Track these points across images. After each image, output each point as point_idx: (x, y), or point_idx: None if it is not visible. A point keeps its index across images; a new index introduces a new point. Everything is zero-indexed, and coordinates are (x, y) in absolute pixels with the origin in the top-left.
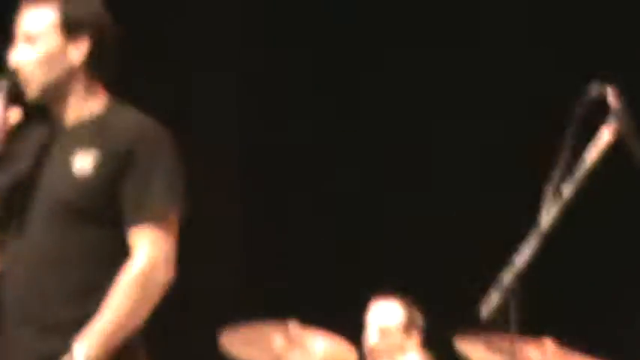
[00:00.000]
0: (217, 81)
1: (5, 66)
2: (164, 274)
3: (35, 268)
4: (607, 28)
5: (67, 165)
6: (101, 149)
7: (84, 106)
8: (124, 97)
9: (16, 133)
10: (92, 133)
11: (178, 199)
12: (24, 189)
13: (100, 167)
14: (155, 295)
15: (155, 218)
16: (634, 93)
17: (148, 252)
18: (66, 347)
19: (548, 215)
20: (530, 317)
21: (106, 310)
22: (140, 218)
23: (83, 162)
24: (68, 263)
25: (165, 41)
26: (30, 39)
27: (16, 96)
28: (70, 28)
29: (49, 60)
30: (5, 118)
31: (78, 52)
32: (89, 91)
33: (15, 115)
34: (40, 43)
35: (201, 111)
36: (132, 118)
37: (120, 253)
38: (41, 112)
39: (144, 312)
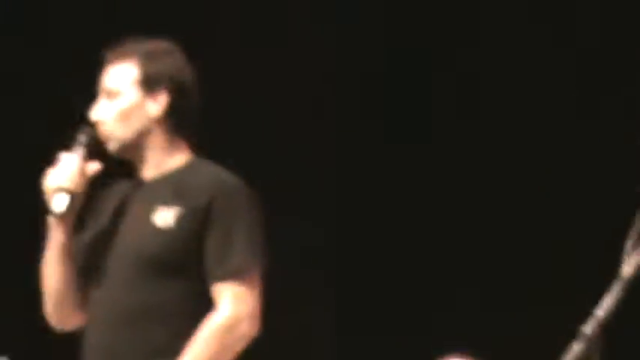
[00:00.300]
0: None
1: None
2: (248, 329)
3: (117, 322)
4: None
5: (148, 219)
6: (182, 204)
7: (164, 161)
8: None
9: (97, 187)
10: (173, 187)
11: (260, 253)
12: (105, 243)
13: (181, 221)
14: (236, 348)
15: (238, 274)
16: None
17: (233, 306)
18: None
19: (629, 264)
20: None
21: (185, 357)
22: (223, 274)
23: (165, 216)
24: (151, 317)
25: None
26: (110, 95)
27: (96, 150)
28: (149, 82)
29: (128, 115)
30: (83, 170)
31: (156, 106)
32: (170, 146)
33: (94, 168)
34: (120, 99)
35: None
36: (211, 173)
37: (203, 308)
38: (124, 167)
39: None
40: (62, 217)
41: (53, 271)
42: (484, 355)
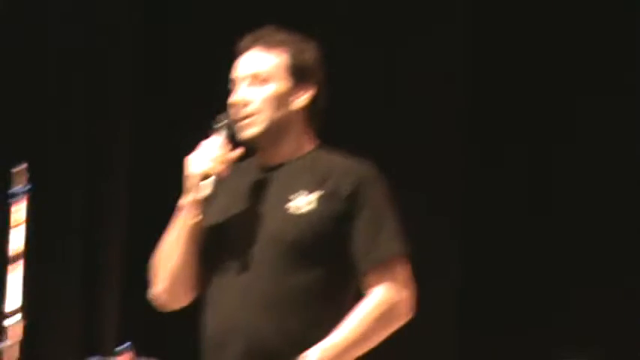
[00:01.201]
0: None
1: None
2: (405, 312)
3: (261, 307)
4: None
5: (288, 204)
6: (322, 188)
7: (296, 149)
8: None
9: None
10: (310, 172)
11: (407, 244)
12: (239, 227)
13: (322, 205)
14: (393, 326)
15: (392, 259)
16: None
17: (387, 290)
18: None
19: None
20: None
21: (344, 326)
22: (377, 260)
23: (305, 200)
24: (294, 302)
25: None
26: (260, 79)
27: (233, 134)
28: (300, 74)
29: (279, 100)
30: (227, 153)
31: (303, 98)
32: (303, 136)
33: (236, 152)
34: (271, 84)
35: None
36: (348, 160)
37: (343, 295)
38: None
39: (379, 338)
40: (204, 201)
41: (178, 252)
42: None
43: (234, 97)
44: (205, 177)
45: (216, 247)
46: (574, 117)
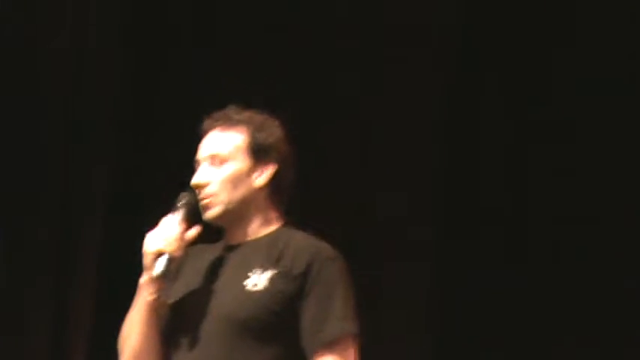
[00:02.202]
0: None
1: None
2: None
3: None
4: None
5: (242, 282)
6: (276, 267)
7: (259, 228)
8: None
9: (189, 251)
10: (266, 251)
11: (357, 323)
12: (197, 305)
13: (275, 284)
14: None
15: (337, 343)
16: None
17: None
18: None
19: None
20: None
21: None
22: (322, 343)
23: (259, 279)
24: None
25: None
26: (218, 160)
27: (193, 215)
28: (259, 152)
29: (236, 181)
30: (183, 233)
31: (262, 176)
32: (266, 214)
33: (193, 232)
34: (229, 164)
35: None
36: (306, 239)
37: None
38: (212, 233)
39: None
40: (158, 279)
41: (138, 331)
42: None
43: (194, 179)
44: (159, 255)
45: (176, 324)
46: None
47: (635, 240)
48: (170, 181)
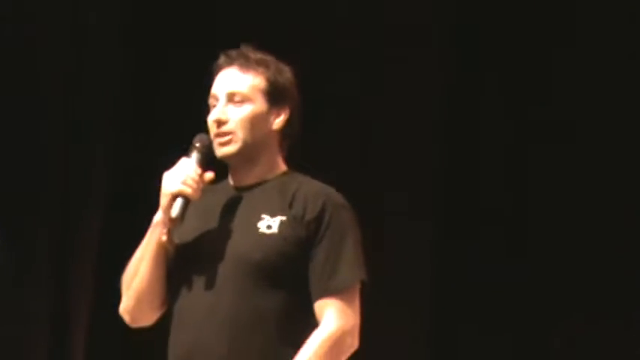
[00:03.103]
0: None
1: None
2: (350, 344)
3: (222, 326)
4: None
5: (253, 227)
6: (287, 212)
7: (268, 171)
8: None
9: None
10: (278, 196)
11: (365, 271)
12: (207, 248)
13: (285, 229)
14: (342, 356)
15: (343, 290)
16: None
17: (337, 321)
18: None
19: None
20: None
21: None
22: (329, 290)
23: (269, 223)
24: (256, 323)
25: None
26: (236, 99)
27: (208, 157)
28: (276, 96)
29: (254, 121)
30: (201, 176)
31: (278, 120)
32: (276, 158)
33: (209, 175)
34: (248, 105)
35: None
36: (317, 186)
37: (307, 316)
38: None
39: None
40: (175, 220)
41: (145, 269)
42: None
43: (212, 116)
44: (177, 196)
45: (184, 265)
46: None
47: (633, 238)
48: None
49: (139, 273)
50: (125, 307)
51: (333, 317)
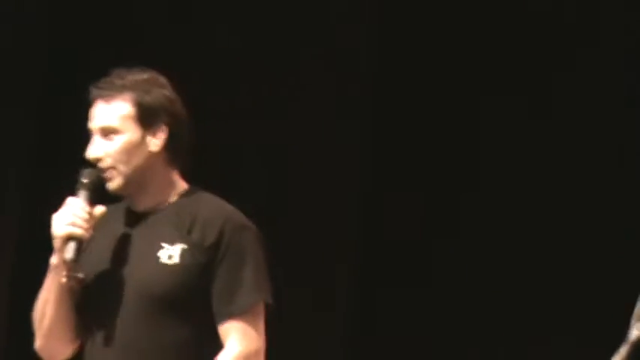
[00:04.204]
0: None
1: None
2: None
3: (116, 357)
4: None
5: (153, 256)
6: (187, 239)
7: (164, 194)
8: None
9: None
10: (176, 222)
11: (267, 291)
12: (108, 279)
13: (186, 258)
14: None
15: (245, 311)
16: None
17: (241, 343)
18: None
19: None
20: None
21: None
22: (230, 312)
23: (170, 253)
24: (160, 356)
25: None
26: (107, 132)
27: (98, 191)
28: (147, 118)
29: (130, 152)
30: (91, 213)
31: (156, 140)
32: (168, 177)
33: (99, 210)
34: (120, 137)
35: None
36: (216, 207)
37: (212, 348)
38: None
39: None
40: (69, 262)
41: (51, 309)
42: None
43: (88, 153)
44: (69, 239)
45: (91, 299)
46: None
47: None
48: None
49: (45, 314)
50: (38, 346)
51: (236, 341)
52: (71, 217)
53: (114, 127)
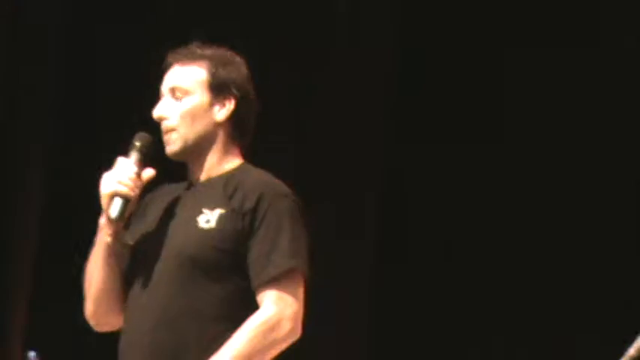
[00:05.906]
0: None
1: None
2: (289, 331)
3: (158, 324)
4: None
5: (193, 221)
6: (226, 205)
7: (219, 165)
8: None
9: (155, 192)
10: (220, 189)
11: (304, 260)
12: (152, 245)
13: (223, 222)
14: (277, 348)
15: (281, 277)
16: None
17: (275, 306)
18: None
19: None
20: None
21: (229, 345)
22: (267, 278)
23: (208, 218)
24: (192, 320)
25: None
26: (178, 94)
27: (149, 155)
28: (219, 87)
29: (196, 115)
30: (139, 175)
31: (223, 111)
32: (226, 151)
33: (149, 173)
34: (189, 99)
35: None
36: (260, 177)
37: (244, 311)
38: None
39: (264, 356)
40: (115, 221)
41: (98, 272)
42: None
43: (155, 111)
44: (114, 197)
45: (134, 266)
46: None
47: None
48: None
49: (93, 276)
50: (87, 313)
51: (270, 303)
52: (119, 175)
53: (185, 89)
